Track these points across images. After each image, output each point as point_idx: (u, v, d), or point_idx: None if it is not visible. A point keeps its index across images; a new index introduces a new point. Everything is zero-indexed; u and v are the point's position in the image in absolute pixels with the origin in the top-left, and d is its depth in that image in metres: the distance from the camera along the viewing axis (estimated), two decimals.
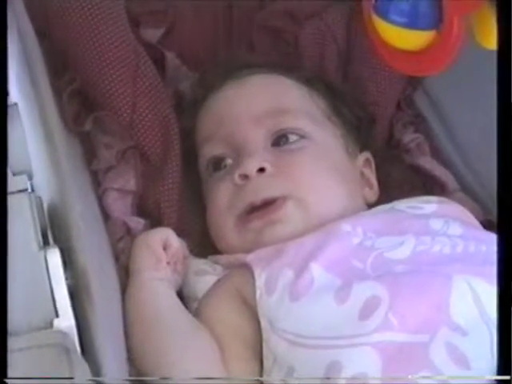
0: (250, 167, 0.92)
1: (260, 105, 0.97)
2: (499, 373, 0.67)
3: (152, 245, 0.90)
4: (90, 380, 0.65)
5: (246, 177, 0.92)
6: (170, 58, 1.10)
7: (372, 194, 1.00)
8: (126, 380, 0.74)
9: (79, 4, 0.99)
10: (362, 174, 1.01)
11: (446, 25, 0.72)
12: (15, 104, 0.72)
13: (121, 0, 1.03)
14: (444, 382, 0.75)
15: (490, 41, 0.70)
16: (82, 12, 0.98)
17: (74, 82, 0.99)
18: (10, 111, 0.70)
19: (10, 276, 0.67)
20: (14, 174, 0.70)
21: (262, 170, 0.92)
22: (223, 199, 0.94)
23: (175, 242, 0.91)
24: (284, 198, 0.91)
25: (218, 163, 0.97)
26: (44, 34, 0.97)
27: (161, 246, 0.90)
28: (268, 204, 0.92)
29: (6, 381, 0.62)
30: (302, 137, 0.96)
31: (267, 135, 0.95)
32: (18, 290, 0.68)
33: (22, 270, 0.68)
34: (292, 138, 0.96)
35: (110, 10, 1.00)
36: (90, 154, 0.99)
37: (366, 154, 1.03)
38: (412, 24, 0.74)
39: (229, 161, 0.96)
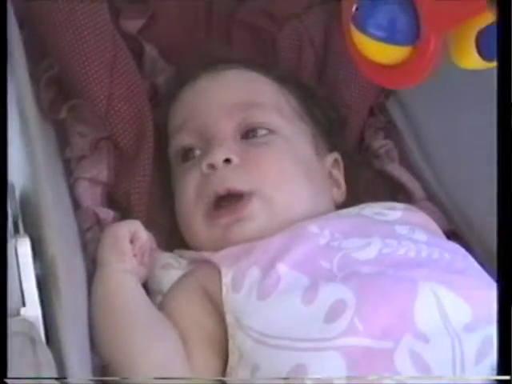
0: (217, 157, 0.93)
1: (232, 98, 0.99)
2: (499, 373, 0.68)
3: (119, 237, 0.90)
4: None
5: (212, 166, 0.94)
6: (149, 50, 1.11)
7: (340, 194, 1.02)
8: (91, 380, 0.74)
9: None
10: (331, 174, 1.02)
11: (422, 41, 0.73)
12: None
13: None
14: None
15: (467, 61, 0.72)
16: (62, 1, 0.99)
17: (51, 70, 0.99)
18: None
19: None
20: None
21: (228, 160, 0.94)
22: (190, 189, 0.95)
23: (143, 235, 0.92)
24: (250, 195, 0.93)
25: (187, 153, 0.98)
26: (24, 20, 0.97)
27: (128, 239, 0.91)
28: (234, 198, 0.93)
29: (6, 381, 0.63)
30: (271, 131, 0.97)
31: (236, 128, 0.97)
32: None
33: None
34: (261, 132, 0.97)
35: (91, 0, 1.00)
36: (63, 141, 0.99)
37: (335, 155, 1.04)
38: (390, 39, 0.75)
39: (198, 151, 0.97)
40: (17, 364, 0.63)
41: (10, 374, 0.62)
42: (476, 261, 0.90)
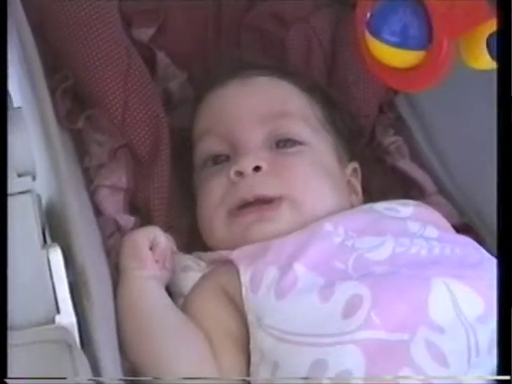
0: (246, 165, 0.95)
1: (262, 106, 1.00)
2: (499, 373, 0.70)
3: (139, 244, 0.92)
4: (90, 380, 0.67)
5: (241, 174, 0.95)
6: (161, 57, 1.12)
7: (357, 200, 1.03)
8: (123, 380, 0.76)
9: (74, 3, 1.01)
10: (349, 182, 1.04)
11: (435, 46, 0.75)
12: (19, 108, 0.74)
13: (114, 0, 1.06)
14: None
15: (478, 63, 0.74)
16: (76, 11, 1.01)
17: (66, 80, 1.01)
18: (14, 115, 0.72)
19: (14, 274, 0.70)
20: (19, 176, 0.72)
21: (257, 168, 0.95)
22: (216, 193, 0.96)
23: (162, 241, 0.93)
24: (280, 199, 0.94)
25: (214, 158, 1.00)
26: (38, 32, 0.99)
27: (147, 245, 0.92)
28: (261, 202, 0.94)
29: (6, 381, 0.65)
30: (299, 142, 0.99)
31: (266, 136, 0.98)
32: (21, 287, 0.70)
33: (25, 268, 0.71)
34: (289, 142, 0.99)
35: (104, 10, 1.02)
36: (81, 151, 1.01)
37: (354, 164, 1.06)
38: (403, 44, 0.77)
39: (225, 157, 0.99)
40: (55, 371, 0.65)
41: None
42: (488, 252, 0.92)
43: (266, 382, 0.84)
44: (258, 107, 1.00)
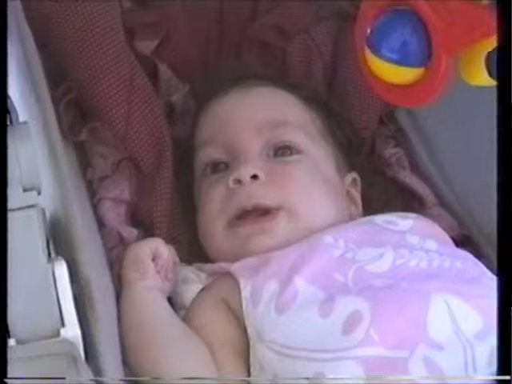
0: (245, 173, 0.96)
1: (262, 115, 1.01)
2: (499, 373, 0.70)
3: (140, 256, 0.93)
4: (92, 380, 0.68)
5: (239, 182, 0.96)
6: (163, 69, 1.13)
7: (356, 211, 1.04)
8: (123, 380, 0.77)
9: (77, 16, 1.02)
10: (349, 192, 1.04)
11: (434, 63, 0.76)
12: (25, 122, 0.74)
13: (117, 13, 1.07)
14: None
15: (476, 79, 0.75)
16: (79, 24, 1.02)
17: (70, 93, 1.02)
18: (20, 130, 0.73)
19: (19, 287, 0.71)
20: (25, 190, 0.72)
21: (255, 176, 0.96)
22: (215, 202, 0.97)
23: (164, 252, 0.94)
24: (277, 209, 0.95)
25: (214, 167, 1.00)
26: (42, 45, 1.00)
27: (149, 257, 0.93)
28: (260, 211, 0.95)
29: (6, 381, 0.65)
30: (298, 151, 1.00)
31: (265, 145, 0.99)
32: (26, 300, 0.71)
33: (30, 281, 0.72)
34: (288, 151, 1.00)
35: (107, 23, 1.03)
36: (84, 163, 1.02)
37: (353, 175, 1.06)
38: (403, 61, 0.77)
39: (225, 165, 1.00)
40: None
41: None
42: (488, 265, 0.93)
43: (266, 383, 0.85)
44: (258, 116, 1.01)
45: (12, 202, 0.71)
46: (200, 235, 1.00)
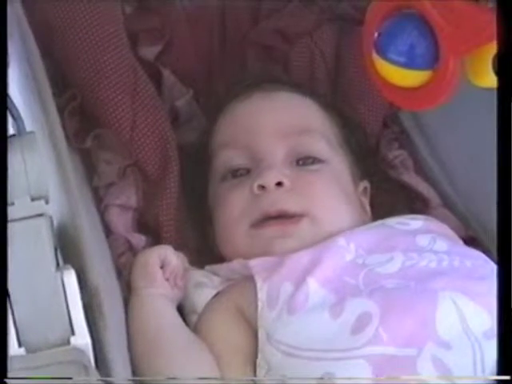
0: (270, 179, 0.96)
1: (285, 121, 1.01)
2: (499, 373, 0.70)
3: (149, 263, 0.93)
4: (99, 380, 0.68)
5: (263, 188, 0.96)
6: (167, 75, 1.13)
7: (367, 219, 1.04)
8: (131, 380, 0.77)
9: (80, 23, 1.02)
10: (360, 200, 1.05)
11: (441, 65, 0.76)
12: (32, 132, 0.74)
13: (120, 19, 1.07)
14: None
15: (484, 81, 0.75)
16: (82, 31, 1.02)
17: (74, 100, 1.02)
18: (27, 140, 0.73)
19: (29, 297, 0.71)
20: (33, 200, 0.72)
21: (280, 183, 0.96)
22: (237, 206, 0.97)
23: (173, 259, 0.94)
24: (301, 216, 0.96)
25: (234, 171, 1.00)
26: (46, 52, 0.99)
27: (158, 264, 0.93)
28: (283, 217, 0.95)
29: (6, 381, 0.65)
30: (320, 160, 1.00)
31: (289, 153, 0.99)
32: (36, 309, 0.71)
33: (39, 290, 0.72)
34: (310, 159, 1.00)
35: (110, 30, 1.03)
36: (89, 170, 1.02)
37: (365, 183, 1.07)
38: (410, 64, 0.78)
39: (246, 170, 1.00)
40: None
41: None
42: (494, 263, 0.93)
43: (275, 383, 0.85)
44: (281, 122, 1.01)
45: (20, 212, 0.71)
46: (219, 238, 1.00)
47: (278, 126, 1.00)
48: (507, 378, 0.69)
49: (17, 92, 0.79)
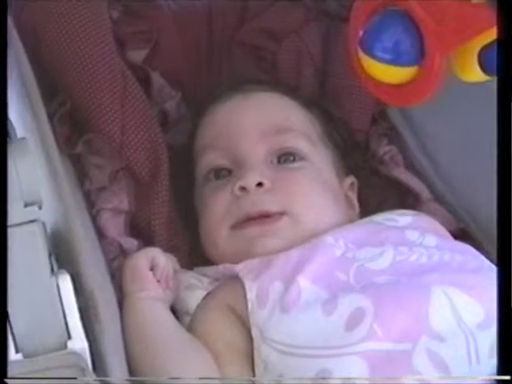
0: (250, 180, 0.96)
1: (264, 121, 1.02)
2: (499, 373, 0.71)
3: (138, 266, 0.93)
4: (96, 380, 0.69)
5: (244, 189, 0.97)
6: (155, 77, 1.13)
7: (354, 214, 1.05)
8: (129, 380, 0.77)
9: (68, 29, 1.02)
10: (347, 196, 1.05)
11: (427, 61, 0.77)
12: (23, 138, 0.75)
13: (107, 23, 1.07)
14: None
15: (469, 76, 0.76)
16: (70, 37, 1.02)
17: (64, 106, 1.02)
18: (19, 146, 0.73)
19: (25, 302, 0.71)
20: (26, 205, 0.73)
21: (260, 184, 0.97)
22: (219, 207, 0.98)
23: (162, 261, 0.94)
24: (281, 213, 0.96)
25: (217, 172, 1.01)
26: (34, 58, 0.99)
27: (147, 267, 0.93)
28: (264, 217, 0.96)
29: (6, 381, 0.66)
30: (301, 157, 1.01)
31: (269, 152, 1.00)
32: (32, 315, 0.72)
33: (35, 296, 0.72)
34: (291, 157, 1.00)
35: (98, 34, 1.03)
36: (81, 174, 1.02)
37: (351, 178, 1.07)
38: (396, 61, 0.78)
39: (228, 171, 1.00)
40: None
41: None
42: (486, 258, 0.93)
43: (272, 383, 0.86)
44: (261, 122, 1.01)
45: (14, 218, 0.72)
46: (202, 240, 1.01)
47: (258, 126, 1.01)
48: (507, 378, 0.69)
49: (8, 99, 0.80)
